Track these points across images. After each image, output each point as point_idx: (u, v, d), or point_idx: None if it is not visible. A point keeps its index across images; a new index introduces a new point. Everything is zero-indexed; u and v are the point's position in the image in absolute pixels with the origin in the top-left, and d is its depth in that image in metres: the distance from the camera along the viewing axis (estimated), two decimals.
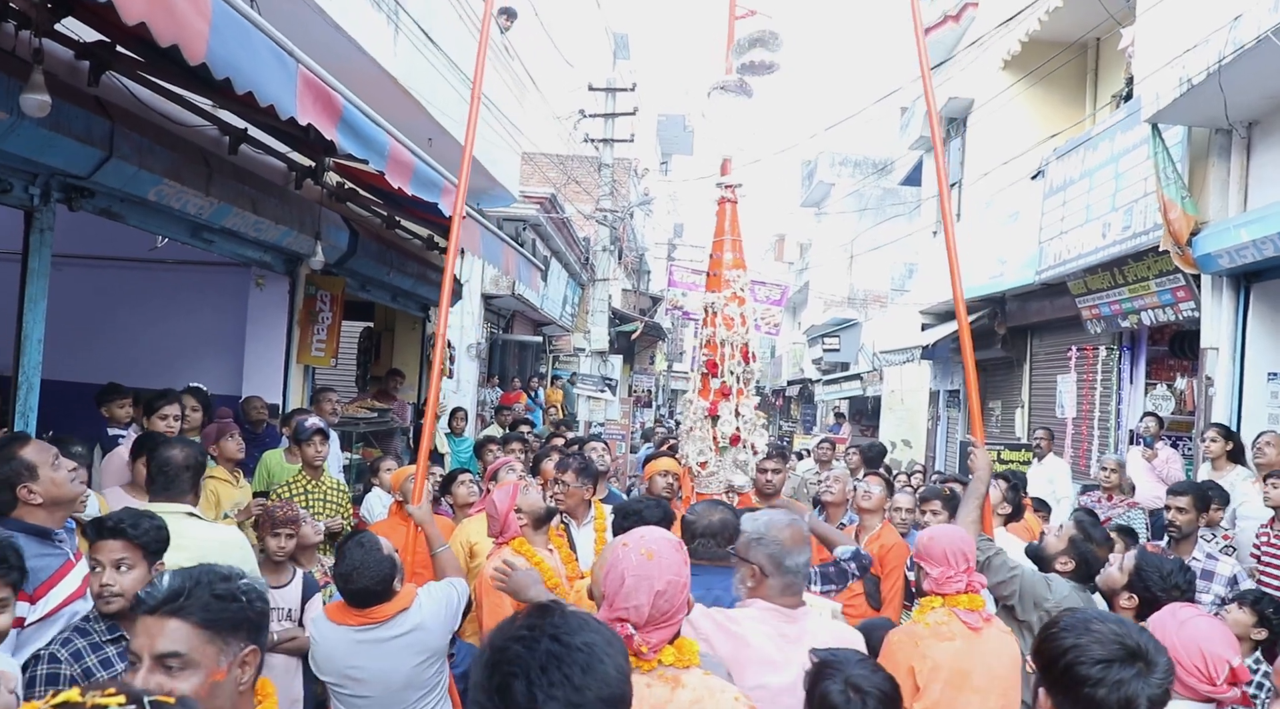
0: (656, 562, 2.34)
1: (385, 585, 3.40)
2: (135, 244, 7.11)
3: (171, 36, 3.24)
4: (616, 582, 2.34)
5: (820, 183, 35.18)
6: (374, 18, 7.16)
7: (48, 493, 3.09)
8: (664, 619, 2.32)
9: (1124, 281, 9.69)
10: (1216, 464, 7.00)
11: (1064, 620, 2.10)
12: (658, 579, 2.31)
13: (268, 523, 4.33)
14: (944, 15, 15.46)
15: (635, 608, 2.30)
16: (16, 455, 3.09)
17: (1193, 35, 7.16)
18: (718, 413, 4.71)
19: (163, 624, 1.94)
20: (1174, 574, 3.43)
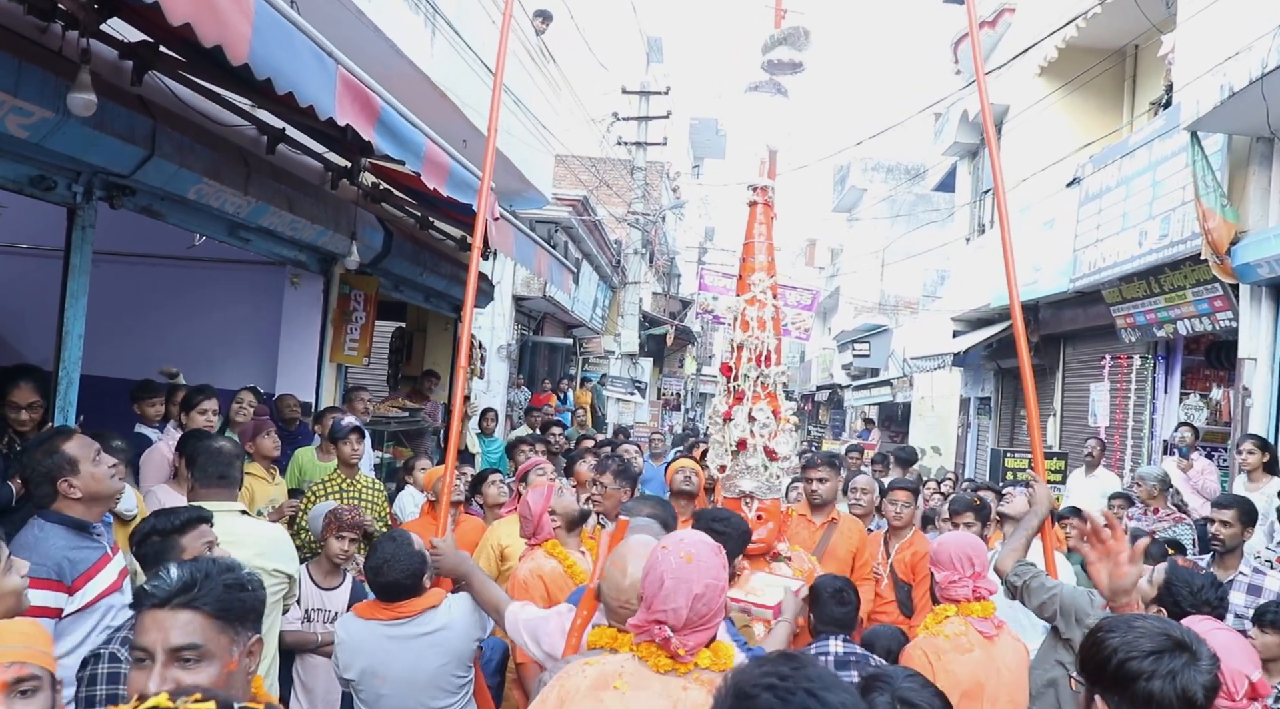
0: (695, 565, 2.33)
1: (415, 580, 3.42)
2: (173, 241, 7.19)
3: (215, 37, 3.29)
4: (656, 584, 2.34)
5: (852, 188, 35.05)
6: (411, 20, 7.22)
7: (87, 488, 3.11)
8: (701, 622, 2.32)
9: (1160, 290, 9.58)
10: (1253, 476, 6.90)
11: (1106, 623, 2.10)
12: (696, 582, 2.31)
13: (334, 525, 4.43)
14: (980, 21, 15.36)
15: (674, 610, 2.29)
16: (59, 449, 3.11)
17: (1235, 43, 7.08)
18: (731, 417, 4.69)
19: (175, 616, 1.92)
20: (1205, 589, 3.35)
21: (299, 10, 5.45)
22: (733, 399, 4.62)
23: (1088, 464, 9.32)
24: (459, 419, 4.32)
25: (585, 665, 2.37)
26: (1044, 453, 11.08)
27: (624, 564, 2.64)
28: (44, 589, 2.87)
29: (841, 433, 32.61)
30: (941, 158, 18.52)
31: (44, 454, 3.12)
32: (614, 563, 2.68)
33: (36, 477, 3.11)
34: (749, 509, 4.69)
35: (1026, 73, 13.30)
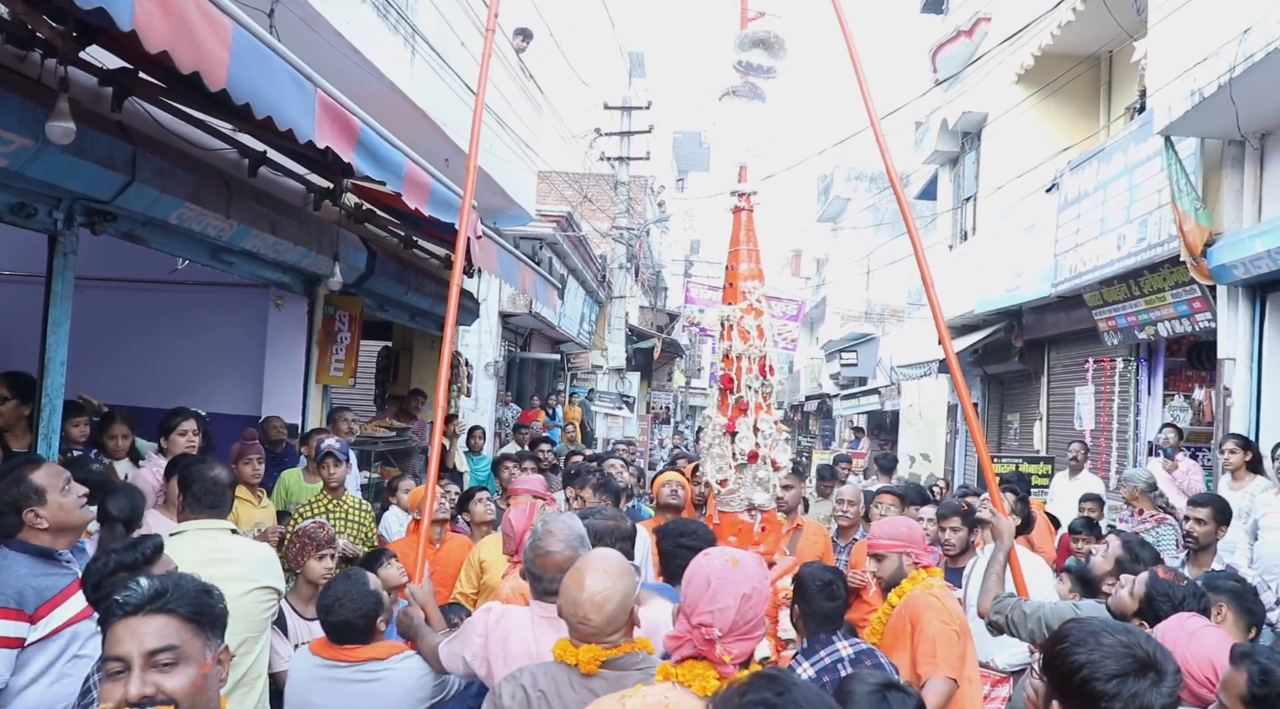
0: (741, 568, 2.29)
1: (367, 621, 3.26)
2: (156, 266, 7.20)
3: (193, 64, 3.32)
4: (700, 586, 2.27)
5: (836, 198, 35.19)
6: (391, 41, 7.27)
7: (55, 518, 3.09)
8: (748, 628, 2.26)
9: (1140, 293, 9.68)
10: (1236, 475, 6.97)
11: (1072, 633, 2.08)
12: (743, 583, 2.26)
13: (311, 546, 4.32)
14: (957, 30, 15.51)
15: (720, 611, 2.23)
16: (26, 478, 3.09)
17: (1204, 48, 7.18)
18: (735, 429, 4.69)
19: (150, 621, 1.94)
20: (1187, 600, 3.24)
21: (277, 33, 5.50)
22: (734, 411, 4.62)
23: (1071, 467, 9.38)
24: (439, 437, 4.34)
25: (623, 701, 2.26)
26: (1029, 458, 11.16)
27: (581, 578, 2.58)
28: (3, 618, 2.87)
29: (831, 442, 32.65)
30: (923, 166, 18.65)
31: (10, 483, 3.09)
32: (571, 577, 2.62)
33: (2, 506, 3.07)
34: (754, 521, 4.72)
35: (1004, 80, 13.43)
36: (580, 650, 2.54)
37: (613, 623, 2.55)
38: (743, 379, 4.66)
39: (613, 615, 2.54)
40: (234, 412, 8.01)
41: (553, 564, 2.91)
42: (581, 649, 2.55)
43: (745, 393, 4.68)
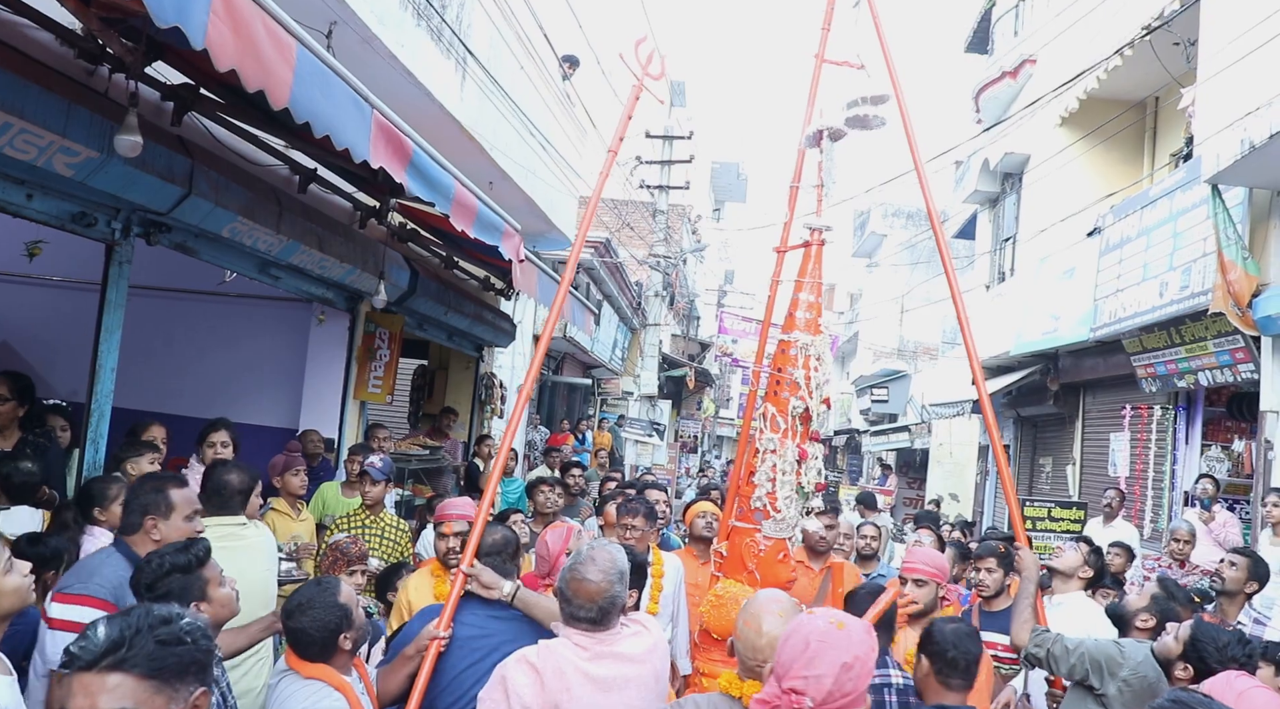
0: (846, 633, 2.16)
1: (327, 635, 2.96)
2: (203, 277, 7.31)
3: (259, 83, 3.39)
4: (798, 648, 2.15)
5: (872, 234, 35.18)
6: (443, 64, 7.38)
7: (167, 537, 3.23)
8: (845, 700, 2.11)
9: (1181, 341, 9.58)
10: (1277, 530, 6.88)
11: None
12: (846, 651, 2.12)
13: (343, 561, 4.36)
14: (1001, 71, 15.51)
15: (816, 678, 2.09)
16: (166, 491, 3.31)
17: (1255, 97, 7.15)
18: (807, 458, 4.68)
19: (103, 680, 1.77)
20: (1231, 645, 3.31)
21: (334, 53, 5.61)
22: (802, 438, 4.60)
23: (1105, 514, 9.27)
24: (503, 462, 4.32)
25: None
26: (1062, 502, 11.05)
27: (758, 623, 2.60)
28: (96, 608, 2.95)
29: (859, 477, 32.46)
30: (962, 206, 18.60)
31: (151, 489, 3.30)
32: (747, 622, 2.65)
33: (135, 504, 3.27)
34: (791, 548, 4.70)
35: (1048, 123, 13.40)
36: (746, 686, 2.55)
37: None
38: (816, 409, 4.63)
39: None
40: (272, 423, 8.11)
41: (586, 592, 2.92)
42: (747, 684, 2.56)
43: (816, 422, 4.67)
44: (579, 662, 2.86)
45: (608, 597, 2.92)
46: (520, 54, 9.07)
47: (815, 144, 4.71)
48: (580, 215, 13.74)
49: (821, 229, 4.59)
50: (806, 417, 4.56)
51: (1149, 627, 3.97)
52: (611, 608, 2.94)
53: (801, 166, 4.81)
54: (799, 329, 4.56)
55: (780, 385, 4.60)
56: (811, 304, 4.60)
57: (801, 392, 4.54)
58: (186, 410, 7.59)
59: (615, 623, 2.98)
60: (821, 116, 4.70)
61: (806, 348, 4.59)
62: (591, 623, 2.92)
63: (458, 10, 7.57)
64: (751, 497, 4.55)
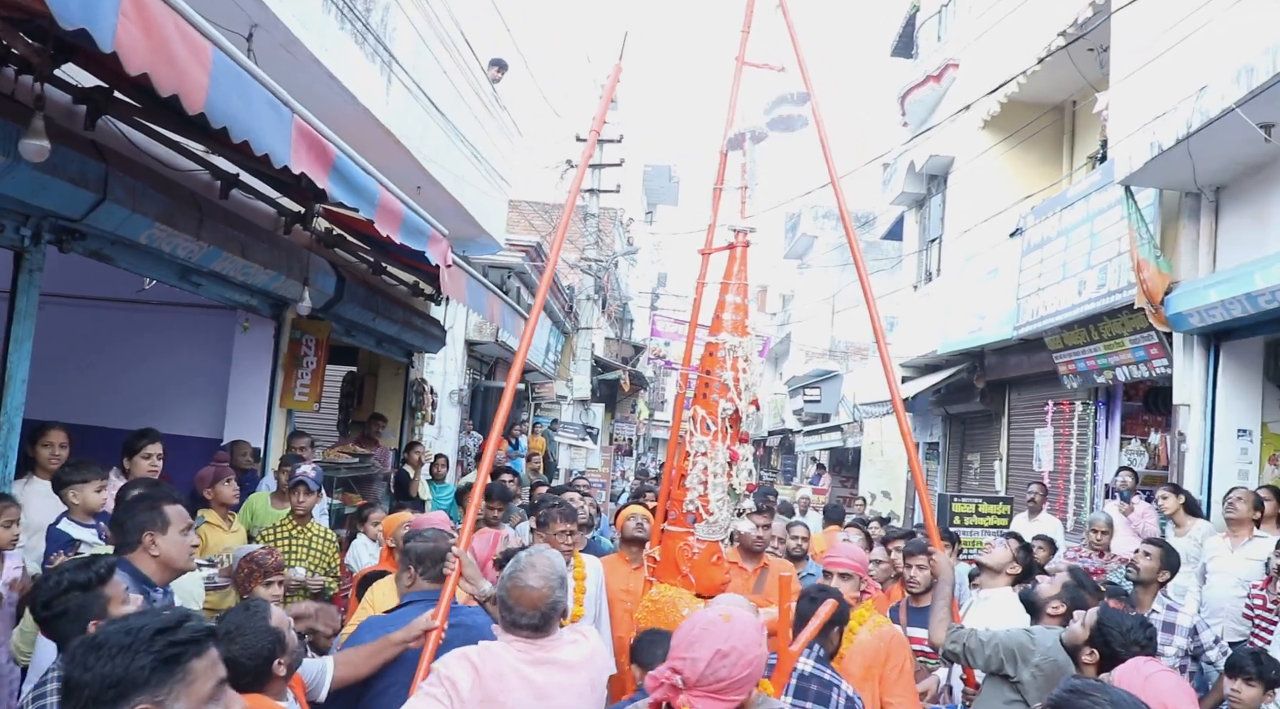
0: (731, 625, 2.28)
1: (260, 663, 2.81)
2: (121, 285, 7.15)
3: (173, 86, 3.33)
4: (684, 632, 2.30)
5: (803, 236, 35.54)
6: (368, 68, 7.30)
7: (166, 552, 3.25)
8: (718, 685, 2.22)
9: (1099, 338, 9.85)
10: (1176, 520, 7.15)
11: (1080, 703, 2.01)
12: (724, 640, 2.24)
13: (259, 573, 4.26)
14: (926, 75, 15.79)
15: (692, 660, 2.22)
16: (160, 507, 3.29)
17: (1163, 103, 7.38)
18: (738, 460, 4.70)
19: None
20: (1134, 629, 3.46)
21: (255, 57, 5.52)
22: (733, 439, 4.62)
23: (1030, 509, 9.49)
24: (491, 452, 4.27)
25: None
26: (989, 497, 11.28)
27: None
28: None
29: (793, 477, 32.76)
30: (890, 207, 18.90)
31: (146, 507, 3.28)
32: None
33: (131, 524, 3.25)
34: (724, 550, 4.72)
35: (970, 126, 13.68)
36: None
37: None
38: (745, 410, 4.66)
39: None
40: (197, 433, 7.95)
41: (528, 599, 2.91)
42: None
43: (746, 423, 4.70)
44: (520, 665, 2.85)
45: (549, 602, 2.92)
46: (445, 58, 9.01)
47: (739, 146, 4.74)
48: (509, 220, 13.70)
49: (745, 231, 4.62)
50: (736, 418, 4.59)
51: (1059, 613, 4.12)
52: (553, 613, 2.94)
53: (724, 169, 4.85)
54: (726, 331, 4.59)
55: (709, 388, 4.63)
56: (738, 305, 4.63)
57: (731, 393, 4.57)
58: (108, 421, 7.40)
59: (555, 629, 2.98)
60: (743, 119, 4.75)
61: (734, 349, 4.62)
62: (534, 629, 2.91)
63: (382, 14, 7.50)
64: (684, 500, 4.58)
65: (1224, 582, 6.51)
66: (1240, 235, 7.82)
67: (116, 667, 1.68)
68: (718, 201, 4.91)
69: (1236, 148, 7.10)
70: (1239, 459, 8.01)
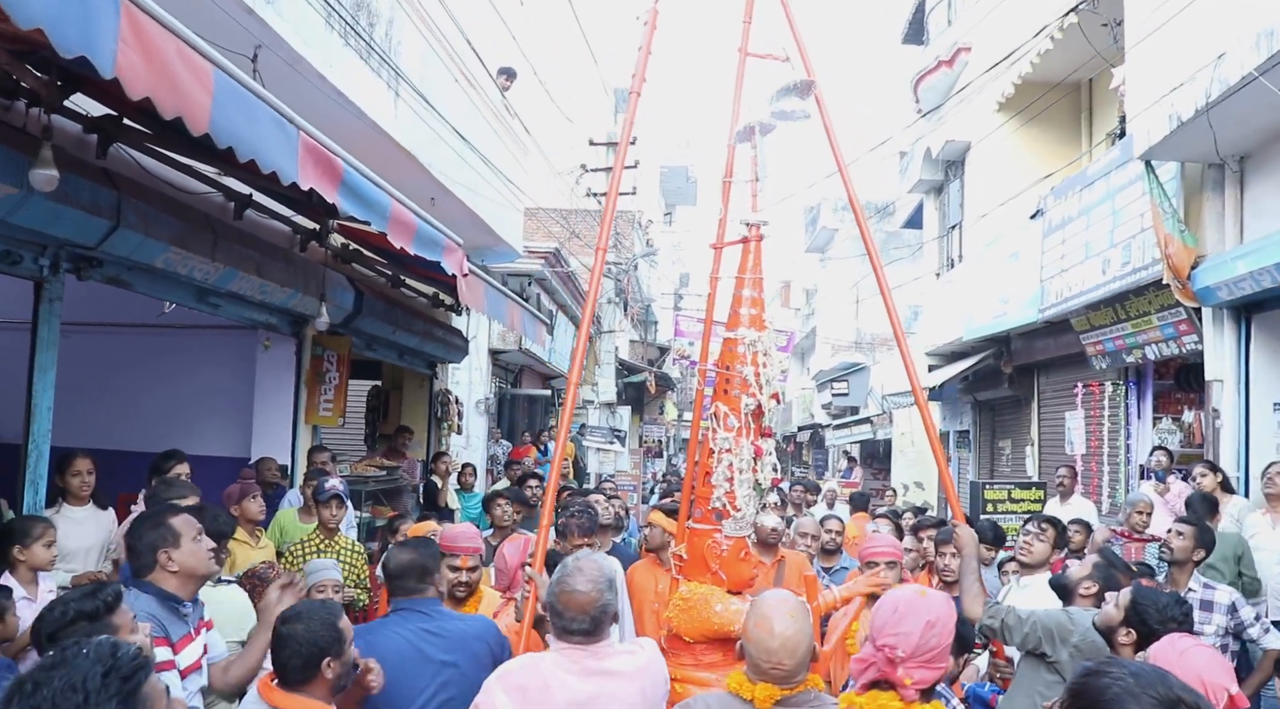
0: (929, 600, 2.38)
1: (313, 651, 2.81)
2: (143, 310, 7.20)
3: (175, 109, 3.34)
4: (888, 611, 2.38)
5: (824, 229, 35.40)
6: (374, 83, 7.31)
7: (184, 563, 3.21)
8: (930, 655, 2.32)
9: (1126, 317, 9.72)
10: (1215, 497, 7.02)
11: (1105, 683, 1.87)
12: (929, 611, 2.34)
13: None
14: (937, 60, 15.67)
15: (905, 635, 2.31)
16: (166, 522, 3.25)
17: (1180, 73, 7.26)
18: (763, 455, 4.67)
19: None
20: (1170, 607, 3.41)
21: (260, 77, 5.54)
22: (756, 435, 4.59)
23: (1061, 493, 9.37)
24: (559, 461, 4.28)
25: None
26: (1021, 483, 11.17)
27: (769, 624, 2.59)
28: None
29: (825, 472, 32.62)
30: (908, 195, 18.77)
31: (150, 526, 3.25)
32: (759, 624, 2.62)
33: (141, 546, 3.22)
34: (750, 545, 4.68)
35: (985, 108, 13.56)
36: (757, 689, 2.58)
37: (803, 665, 2.60)
38: (767, 405, 4.63)
39: (804, 658, 2.60)
40: (224, 453, 8.00)
41: (577, 603, 2.88)
42: (758, 687, 2.58)
43: (768, 418, 4.67)
44: (566, 677, 2.83)
45: (599, 606, 2.90)
46: (454, 69, 9.01)
47: (748, 139, 4.70)
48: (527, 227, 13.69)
49: (758, 224, 4.57)
50: (759, 413, 4.55)
51: (1092, 594, 4.06)
52: (603, 617, 2.92)
53: (732, 161, 4.81)
54: (744, 325, 4.54)
55: (730, 384, 4.58)
56: (755, 300, 4.59)
57: (752, 388, 4.53)
58: (135, 446, 7.46)
59: (607, 633, 2.96)
60: (750, 111, 4.71)
61: (754, 344, 4.58)
62: (585, 634, 2.89)
63: (386, 28, 7.51)
64: (710, 497, 4.54)
65: (1266, 559, 6.39)
66: (1267, 205, 7.68)
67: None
68: (727, 195, 4.87)
69: (1259, 115, 6.97)
70: (1276, 433, 7.86)
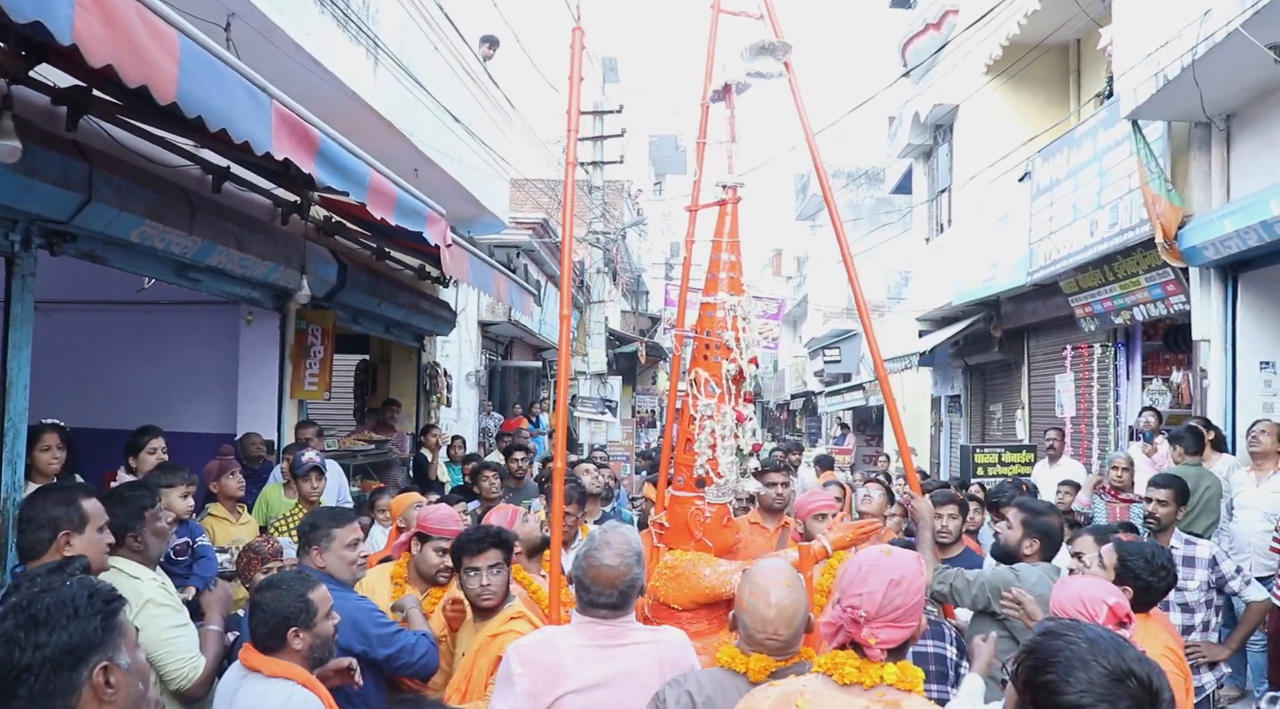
0: (894, 558, 2.34)
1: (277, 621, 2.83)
2: (122, 286, 7.14)
3: (140, 77, 3.27)
4: (852, 572, 2.34)
5: (814, 196, 35.25)
6: (352, 51, 7.21)
7: (82, 552, 3.01)
8: (895, 615, 2.27)
9: (1114, 278, 9.69)
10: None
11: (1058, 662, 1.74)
12: (893, 570, 2.30)
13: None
14: (925, 23, 15.53)
15: (868, 594, 2.27)
16: (77, 502, 3.08)
17: (1166, 31, 7.20)
18: (745, 420, 4.64)
19: None
20: (1157, 554, 3.52)
21: (234, 47, 5.45)
22: (741, 400, 4.56)
23: (1050, 455, 9.44)
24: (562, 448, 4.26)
25: (769, 687, 2.35)
26: (1011, 446, 11.18)
27: (766, 595, 2.57)
28: None
29: (818, 439, 32.71)
30: (898, 160, 18.68)
31: (59, 502, 3.08)
32: (754, 594, 2.60)
33: (40, 520, 3.03)
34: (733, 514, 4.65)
35: (974, 71, 13.45)
36: (751, 660, 2.55)
37: (798, 636, 2.59)
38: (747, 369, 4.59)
39: (799, 628, 2.58)
40: (209, 430, 7.95)
41: (605, 577, 2.85)
42: (752, 658, 2.56)
43: (749, 383, 4.63)
44: (583, 653, 2.81)
45: (627, 580, 2.87)
46: (433, 38, 8.90)
47: (723, 98, 4.63)
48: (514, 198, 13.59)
49: (735, 186, 4.52)
50: (740, 378, 4.52)
51: (1035, 550, 4.14)
52: (631, 591, 2.90)
53: (705, 122, 4.75)
54: (723, 290, 4.50)
55: (710, 349, 4.55)
56: (733, 264, 4.54)
57: (734, 353, 4.49)
58: (119, 423, 7.39)
59: (632, 609, 2.94)
60: (724, 70, 4.63)
61: (733, 309, 4.54)
62: (611, 608, 2.86)
63: None
64: (692, 465, 4.51)
65: (1250, 516, 6.41)
66: (1254, 163, 7.64)
67: (72, 634, 1.69)
68: (702, 156, 4.81)
69: (1245, 72, 6.92)
70: (1262, 392, 7.88)
